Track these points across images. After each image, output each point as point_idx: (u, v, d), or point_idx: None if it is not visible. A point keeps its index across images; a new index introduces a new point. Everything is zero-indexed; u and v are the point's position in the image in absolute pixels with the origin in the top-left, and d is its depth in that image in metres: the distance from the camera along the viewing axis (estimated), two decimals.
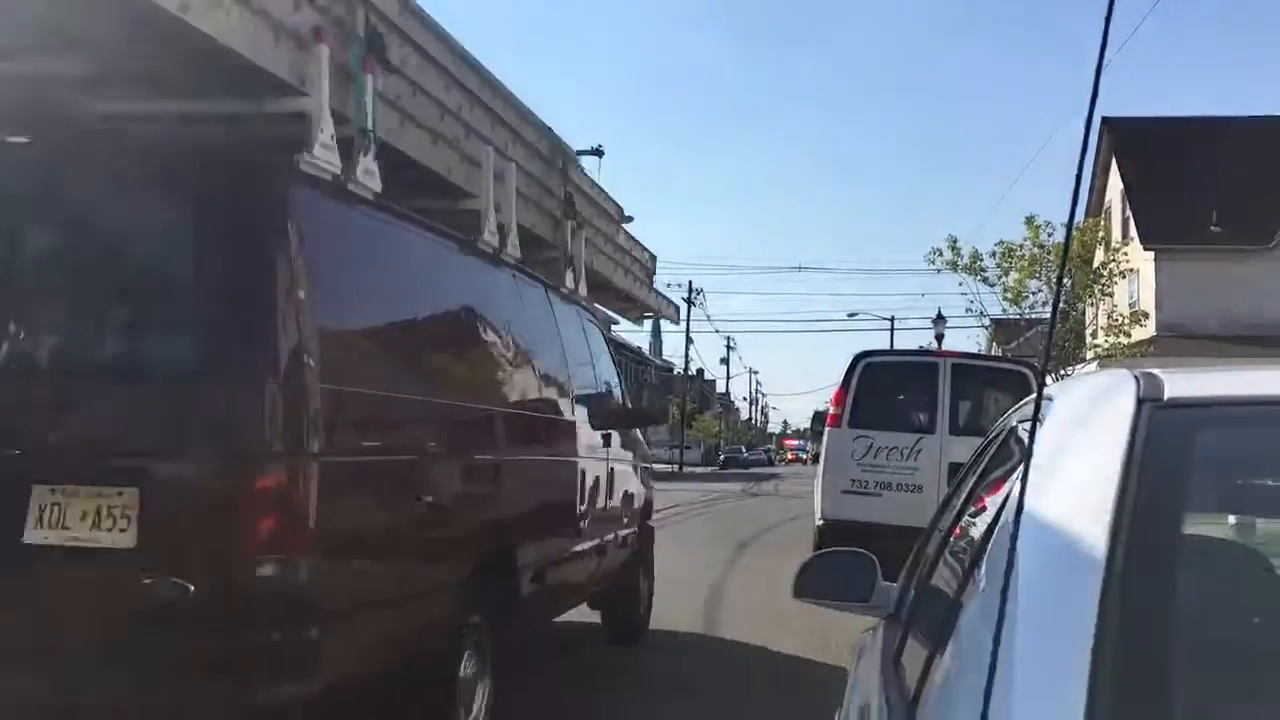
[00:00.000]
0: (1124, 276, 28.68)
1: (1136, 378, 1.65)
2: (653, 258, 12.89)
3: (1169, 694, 1.25)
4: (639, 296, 11.49)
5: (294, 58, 4.44)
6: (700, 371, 77.49)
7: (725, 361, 77.11)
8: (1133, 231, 29.74)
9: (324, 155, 4.35)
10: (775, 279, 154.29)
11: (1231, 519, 2.27)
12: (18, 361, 3.73)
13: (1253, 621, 1.51)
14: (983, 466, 2.65)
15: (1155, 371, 1.69)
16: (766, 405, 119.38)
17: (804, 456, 73.40)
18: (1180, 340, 25.35)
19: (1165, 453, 1.49)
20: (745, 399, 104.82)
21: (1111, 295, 28.69)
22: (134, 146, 4.38)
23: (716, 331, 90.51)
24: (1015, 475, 1.90)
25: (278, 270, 3.71)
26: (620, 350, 61.39)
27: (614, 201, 10.49)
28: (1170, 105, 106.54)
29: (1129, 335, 27.47)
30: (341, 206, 4.47)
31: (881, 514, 11.87)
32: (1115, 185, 31.98)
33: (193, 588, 3.38)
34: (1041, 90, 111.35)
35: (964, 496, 2.76)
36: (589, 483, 6.72)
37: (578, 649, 7.65)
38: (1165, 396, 1.58)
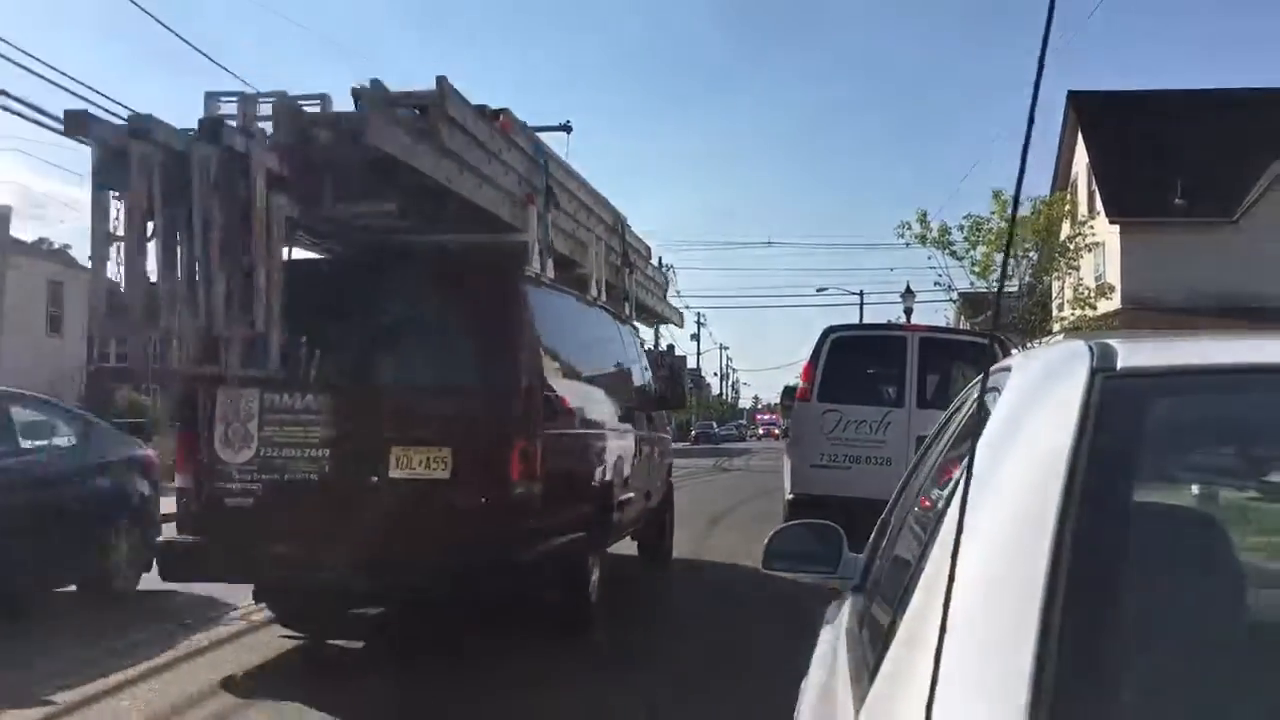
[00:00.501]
0: (1090, 250, 28.90)
1: (1091, 348, 1.68)
2: (666, 276, 16.47)
3: (1117, 656, 1.27)
4: (661, 311, 15.26)
5: (516, 211, 7.99)
6: (671, 348, 77.25)
7: (695, 338, 77.09)
8: (1099, 205, 29.95)
9: (535, 262, 7.98)
10: (745, 255, 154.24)
11: (1195, 488, 2.31)
12: (383, 381, 7.14)
13: (1201, 586, 1.55)
14: (946, 437, 2.69)
15: (1110, 341, 1.72)
16: (738, 381, 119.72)
17: (776, 431, 73.62)
18: (1145, 313, 25.61)
19: (1118, 421, 1.51)
20: (716, 374, 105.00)
21: (1078, 269, 28.92)
22: (442, 257, 7.82)
23: (687, 308, 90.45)
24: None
25: (519, 327, 7.06)
26: None
27: (645, 243, 14.24)
28: (1142, 79, 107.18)
29: (1094, 308, 27.73)
30: (543, 289, 7.92)
31: (851, 487, 11.94)
32: (1082, 159, 32.18)
33: (485, 499, 6.70)
34: (1011, 64, 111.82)
35: (927, 467, 2.79)
36: (644, 450, 10.28)
37: (626, 564, 10.70)
38: (1119, 366, 1.61)
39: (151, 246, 6.36)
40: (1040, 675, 1.16)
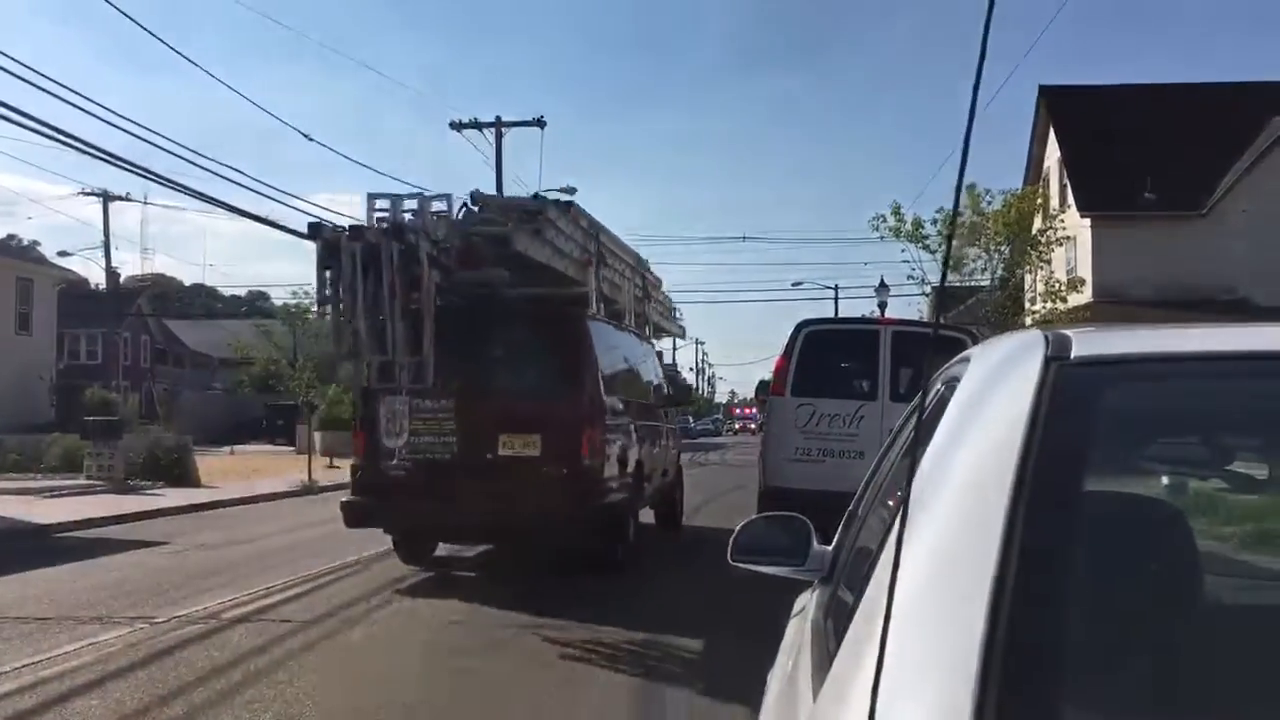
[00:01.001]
0: (1061, 244, 29.09)
1: (1046, 337, 1.68)
2: (671, 301, 20.17)
3: (1065, 640, 1.28)
4: (669, 329, 19.48)
5: (579, 270, 11.52)
6: (660, 354, 77.13)
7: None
8: (1070, 199, 30.15)
9: (593, 306, 11.40)
10: (720, 250, 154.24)
11: (1165, 479, 2.32)
12: (494, 390, 10.25)
13: (1153, 573, 1.56)
14: (909, 428, 2.69)
15: (1065, 331, 1.73)
16: (713, 375, 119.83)
17: (753, 426, 73.66)
18: (1116, 306, 25.80)
19: (1071, 409, 1.52)
20: (692, 369, 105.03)
21: (1049, 262, 29.10)
22: (532, 305, 10.94)
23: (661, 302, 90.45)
24: (934, 436, 1.94)
25: (585, 353, 10.41)
26: None
27: (658, 276, 17.86)
28: (1114, 73, 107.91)
29: (1065, 301, 27.90)
30: (598, 324, 11.29)
31: (824, 480, 11.96)
32: (1053, 153, 32.39)
33: (564, 470, 9.99)
34: (983, 55, 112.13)
35: (892, 458, 2.80)
36: (662, 439, 14.01)
37: (646, 531, 13.32)
38: (1072, 355, 1.62)
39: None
40: (988, 660, 1.16)
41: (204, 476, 23.39)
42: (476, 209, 10.63)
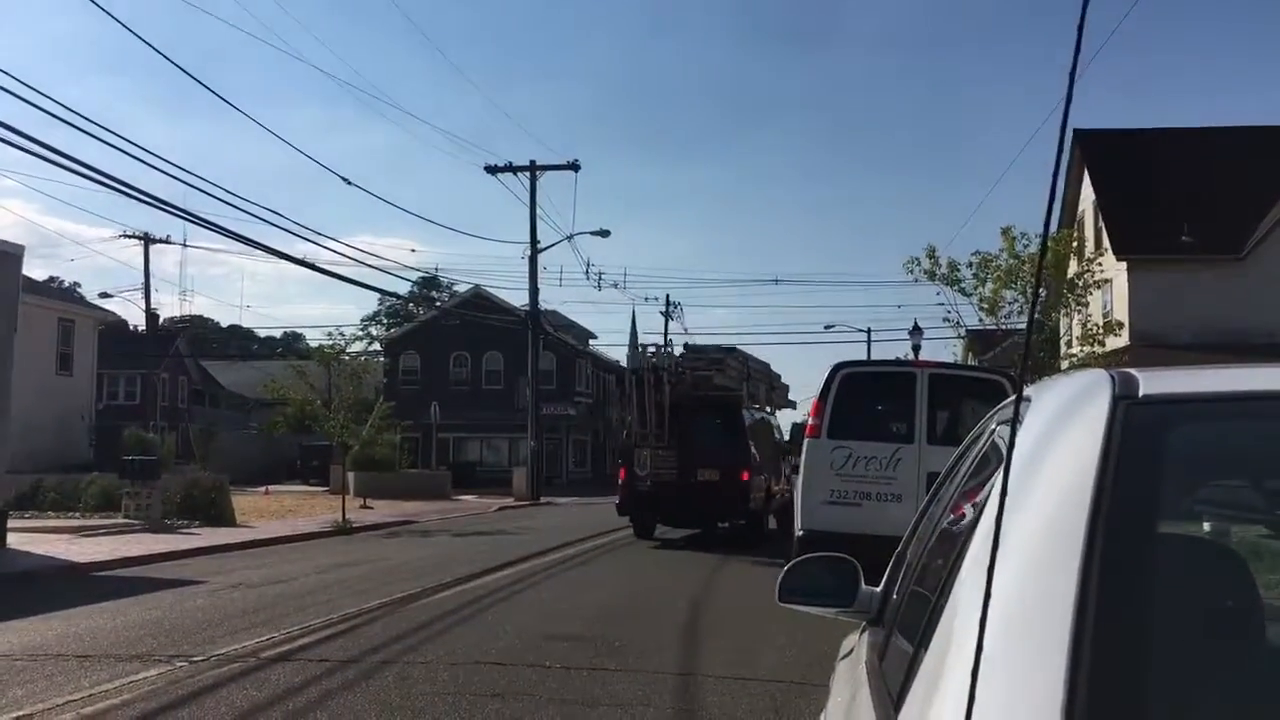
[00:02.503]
0: (1098, 287, 28.89)
1: (1112, 376, 1.68)
2: (782, 383, 28.25)
3: (1145, 689, 1.27)
4: (780, 402, 27.84)
5: (739, 383, 22.41)
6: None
7: None
8: (1105, 242, 29.98)
9: (746, 399, 21.99)
10: (752, 292, 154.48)
11: (1206, 525, 2.29)
12: (696, 445, 20.19)
13: (1226, 618, 1.54)
14: (963, 470, 2.67)
15: (1130, 370, 1.72)
16: None
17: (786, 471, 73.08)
18: (1154, 350, 25.55)
19: (1142, 448, 1.51)
20: None
21: (1086, 305, 28.90)
22: (718, 400, 21.20)
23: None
24: (995, 478, 1.93)
25: (742, 428, 20.55)
26: (597, 364, 60.99)
27: (774, 371, 26.95)
28: (1144, 118, 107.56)
29: (1103, 345, 27.66)
30: (748, 409, 21.60)
31: (861, 524, 11.89)
32: (1088, 196, 32.26)
33: (732, 489, 19.90)
34: (1016, 100, 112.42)
35: (945, 500, 2.78)
36: (780, 472, 22.89)
37: (736, 538, 20.56)
38: (1140, 394, 1.61)
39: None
40: (1071, 704, 1.15)
41: (240, 516, 23.55)
42: (689, 353, 22.47)
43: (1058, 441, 1.58)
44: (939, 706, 1.31)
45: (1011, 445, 1.35)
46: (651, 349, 21.50)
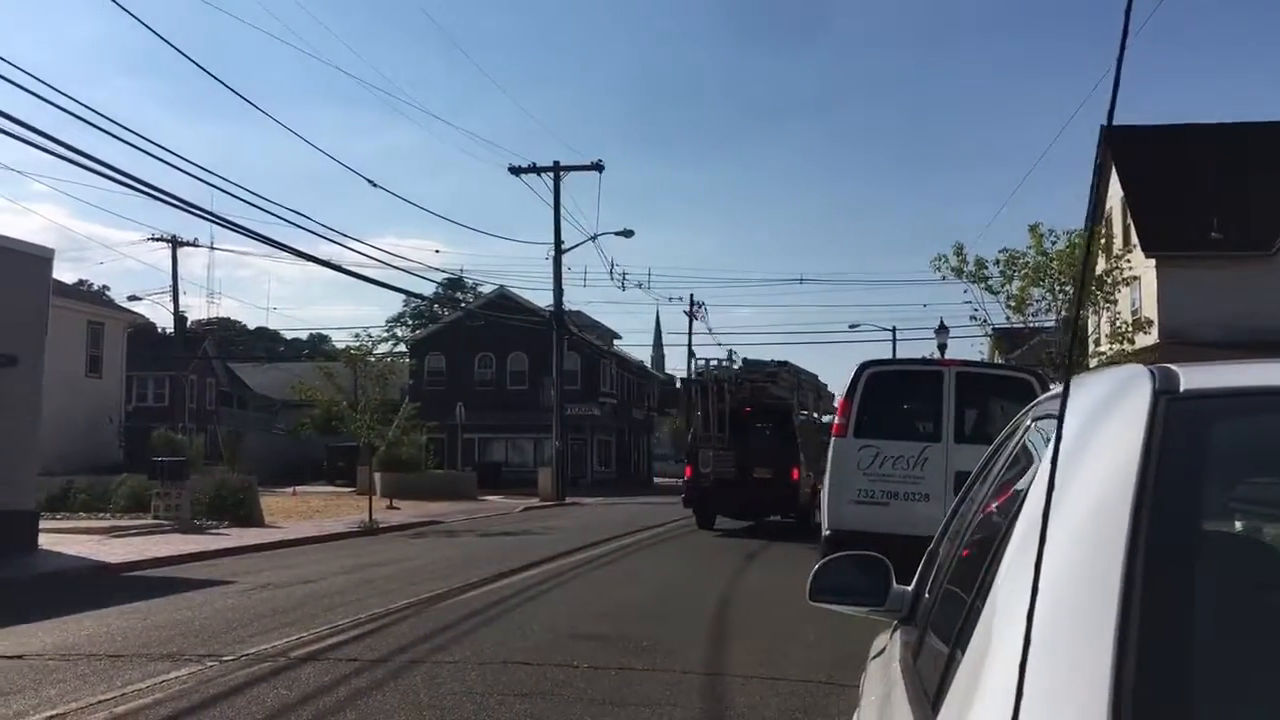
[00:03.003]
0: (1126, 284, 28.65)
1: (1152, 371, 1.66)
2: (829, 392, 28.71)
3: (1190, 684, 1.25)
4: (825, 409, 26.73)
5: (789, 393, 25.72)
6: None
7: None
8: (1134, 239, 29.72)
9: (796, 408, 25.07)
10: (777, 292, 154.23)
11: (1246, 522, 2.26)
12: (753, 446, 23.29)
13: (1270, 613, 1.51)
14: (996, 468, 2.65)
15: (1169, 365, 1.70)
16: None
17: None
18: (1183, 347, 25.30)
19: (1184, 444, 1.49)
20: None
21: (1115, 303, 28.66)
22: (772, 406, 24.20)
23: (719, 344, 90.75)
24: (1031, 474, 1.91)
25: (793, 432, 23.64)
26: (622, 364, 61.13)
27: (819, 379, 28.63)
28: (1172, 114, 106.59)
29: (1132, 343, 27.43)
30: (796, 416, 24.58)
31: (889, 523, 11.84)
32: (1116, 193, 32.00)
33: (785, 486, 23.10)
34: (1041, 98, 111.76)
35: (978, 499, 2.75)
36: (815, 475, 21.62)
37: (786, 527, 23.56)
38: (1181, 388, 1.59)
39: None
40: (1118, 699, 1.14)
41: (268, 516, 23.70)
42: (747, 366, 23.94)
43: (1099, 437, 1.56)
44: (981, 704, 1.30)
45: (1059, 440, 1.33)
46: (714, 362, 24.33)
